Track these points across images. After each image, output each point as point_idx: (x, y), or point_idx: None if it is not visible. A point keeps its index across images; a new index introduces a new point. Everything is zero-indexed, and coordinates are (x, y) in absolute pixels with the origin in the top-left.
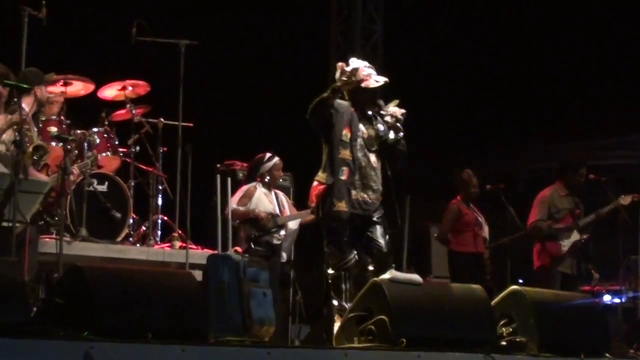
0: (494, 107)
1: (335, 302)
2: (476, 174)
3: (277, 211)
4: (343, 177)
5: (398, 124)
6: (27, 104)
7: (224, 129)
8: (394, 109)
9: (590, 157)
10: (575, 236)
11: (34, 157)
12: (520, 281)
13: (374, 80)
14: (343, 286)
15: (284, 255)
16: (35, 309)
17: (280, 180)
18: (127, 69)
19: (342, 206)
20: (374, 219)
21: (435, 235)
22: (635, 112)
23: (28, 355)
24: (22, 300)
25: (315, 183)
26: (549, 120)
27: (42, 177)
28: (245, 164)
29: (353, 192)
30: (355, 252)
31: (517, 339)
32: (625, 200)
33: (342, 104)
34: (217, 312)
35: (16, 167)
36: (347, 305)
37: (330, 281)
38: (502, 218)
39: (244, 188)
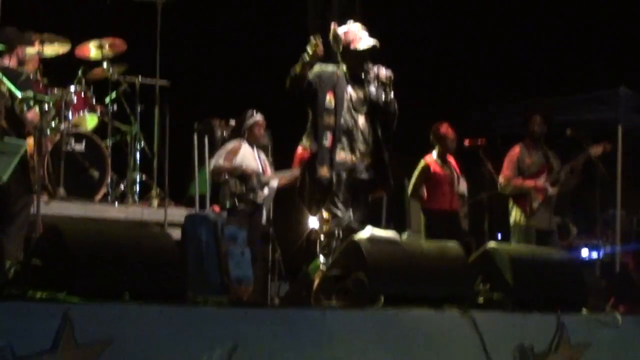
0: (475, 62)
1: (322, 259)
2: (454, 129)
3: (261, 170)
4: (326, 144)
5: (385, 87)
6: (10, 64)
7: (203, 87)
8: (381, 71)
9: (567, 112)
10: (547, 190)
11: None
12: (499, 237)
13: (364, 42)
14: (334, 243)
15: (264, 213)
16: (12, 270)
17: (261, 139)
18: (104, 27)
19: (324, 171)
20: (360, 183)
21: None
22: (614, 67)
23: (5, 318)
24: None
25: (299, 149)
26: (529, 75)
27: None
28: (223, 122)
29: (341, 154)
30: (351, 210)
31: (494, 296)
32: (596, 150)
33: (326, 69)
34: (195, 272)
35: None
36: None
37: (323, 238)
38: (481, 174)
39: (230, 144)
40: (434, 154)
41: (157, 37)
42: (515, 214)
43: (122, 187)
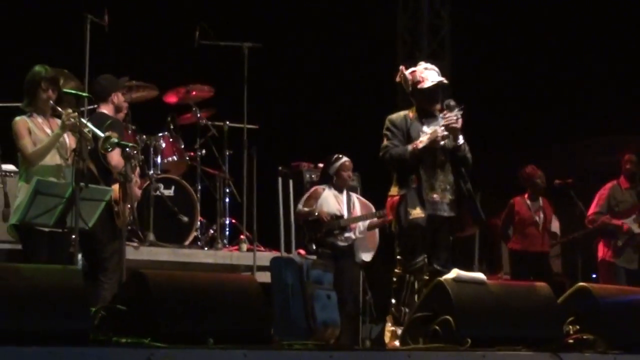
0: (564, 101)
1: (393, 302)
2: (542, 169)
3: (345, 212)
4: (413, 186)
5: (452, 131)
6: (107, 111)
7: (291, 130)
8: (452, 116)
9: None
10: (635, 229)
11: (107, 148)
12: (594, 276)
13: (430, 80)
14: (405, 288)
15: (362, 255)
16: (98, 316)
17: (349, 181)
18: (191, 72)
19: (418, 213)
20: (444, 219)
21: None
22: None
23: None
24: (84, 308)
25: (389, 199)
26: (620, 112)
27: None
28: (312, 165)
29: (423, 194)
30: (425, 255)
31: (585, 337)
32: None
33: (397, 119)
34: (282, 316)
35: (77, 176)
36: (404, 309)
37: (394, 280)
38: (572, 213)
39: (312, 189)
40: (525, 195)
41: (244, 81)
42: (601, 251)
43: (211, 231)
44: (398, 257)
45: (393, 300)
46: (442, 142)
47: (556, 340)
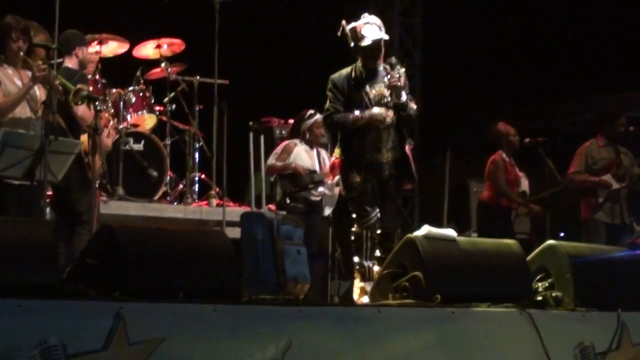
0: (533, 61)
1: (356, 260)
2: (511, 126)
3: (317, 168)
4: (354, 149)
5: (396, 90)
6: (71, 65)
7: (261, 86)
8: (395, 74)
9: (631, 108)
10: (613, 184)
11: (77, 101)
12: (562, 234)
13: (370, 38)
14: (365, 244)
15: (327, 210)
16: (68, 269)
17: (321, 138)
18: (162, 27)
19: (355, 177)
20: (387, 179)
21: (475, 190)
22: None
23: (58, 316)
24: (53, 262)
25: (332, 159)
26: (590, 73)
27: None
28: (282, 121)
29: (367, 156)
30: (378, 210)
31: (553, 294)
32: None
33: (339, 77)
34: (251, 271)
35: (46, 128)
36: (367, 264)
37: (353, 238)
38: (542, 172)
39: (284, 144)
40: (501, 152)
41: (215, 36)
42: (582, 210)
43: (180, 186)
44: (353, 215)
45: (356, 259)
46: (386, 120)
47: (525, 297)
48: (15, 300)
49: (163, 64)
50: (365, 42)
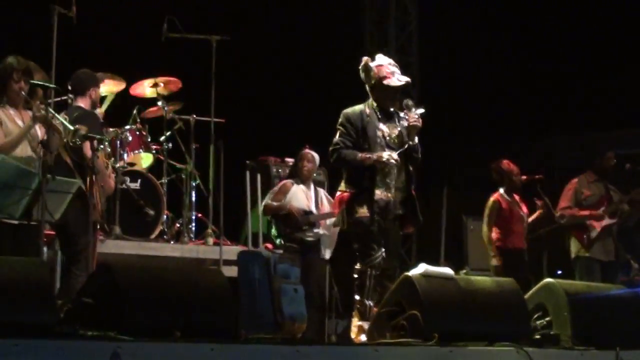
0: (530, 99)
1: (357, 298)
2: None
3: (314, 208)
4: (364, 184)
5: (412, 133)
6: (84, 106)
7: (258, 124)
8: (413, 116)
9: (625, 146)
10: (605, 221)
11: (76, 141)
12: (559, 272)
13: (396, 78)
14: (367, 282)
15: (327, 252)
16: (65, 309)
17: (315, 174)
18: (158, 65)
19: (363, 212)
20: (393, 218)
21: (472, 228)
22: None
23: (55, 356)
24: (50, 301)
25: (338, 193)
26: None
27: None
28: (279, 159)
29: (377, 192)
30: (383, 249)
31: (551, 332)
32: None
33: (353, 113)
34: (248, 310)
35: (43, 168)
36: (368, 302)
37: (355, 276)
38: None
39: (281, 183)
40: (501, 190)
41: (212, 74)
42: (574, 247)
43: (177, 225)
44: (357, 253)
45: (357, 297)
46: (391, 162)
47: (523, 335)
48: (12, 340)
49: (160, 103)
50: (393, 82)
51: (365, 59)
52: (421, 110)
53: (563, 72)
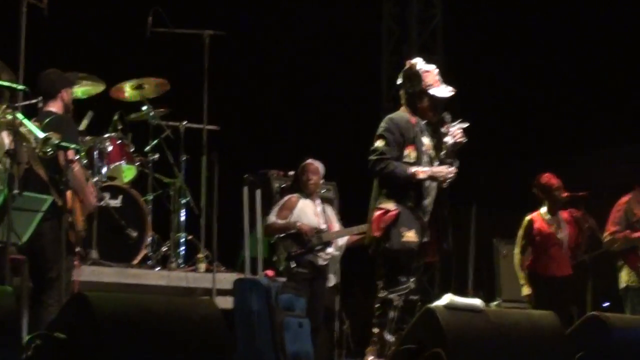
0: (570, 106)
1: (375, 331)
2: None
3: (323, 226)
4: (410, 204)
5: (459, 146)
6: (56, 110)
7: (257, 132)
8: (457, 132)
9: None
10: None
11: (47, 151)
12: (606, 304)
13: (445, 89)
14: (391, 314)
15: (332, 277)
16: (33, 345)
17: (324, 190)
18: (143, 65)
19: (412, 236)
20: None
21: (504, 252)
22: None
23: None
24: (16, 336)
25: (377, 211)
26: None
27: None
28: (281, 173)
29: (419, 215)
30: (414, 279)
31: None
32: None
33: (400, 120)
34: (246, 347)
35: (10, 182)
36: (389, 338)
37: (377, 305)
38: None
39: (285, 198)
40: (542, 210)
41: (205, 75)
42: (624, 275)
43: (164, 248)
44: (383, 279)
45: (375, 330)
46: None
47: None
48: None
49: (144, 108)
50: (440, 93)
51: (412, 62)
52: (465, 125)
53: (606, 76)
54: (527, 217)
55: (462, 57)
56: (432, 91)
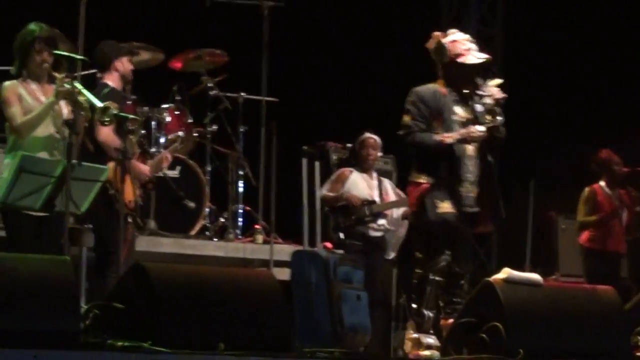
0: (632, 79)
1: (413, 306)
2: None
3: (377, 198)
4: (443, 174)
5: (496, 108)
6: (111, 82)
7: (316, 104)
8: (494, 89)
9: None
10: None
11: (105, 120)
12: None
13: (474, 56)
14: (428, 289)
15: (390, 251)
16: (92, 315)
17: (381, 163)
18: (201, 36)
19: (447, 207)
20: (468, 215)
21: (563, 227)
22: None
23: None
24: (74, 306)
25: (410, 185)
26: None
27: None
28: (339, 145)
29: (452, 186)
30: (449, 253)
31: None
32: None
33: (426, 93)
34: (304, 319)
35: (69, 152)
36: (427, 313)
37: (415, 280)
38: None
39: (338, 172)
40: (601, 183)
41: (264, 46)
42: None
43: (221, 220)
44: (418, 255)
45: (414, 305)
46: (479, 135)
47: (622, 353)
48: (31, 350)
49: (203, 79)
50: (469, 60)
51: (436, 34)
52: (498, 81)
53: None
54: (587, 188)
55: (521, 31)
56: (460, 60)
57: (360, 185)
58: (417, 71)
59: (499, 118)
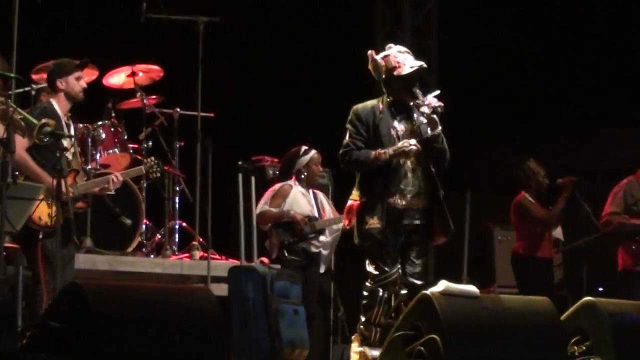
0: (564, 89)
1: (362, 318)
2: (543, 165)
3: (316, 213)
4: (376, 190)
5: (434, 117)
6: (57, 104)
7: (250, 120)
8: (432, 99)
9: None
10: None
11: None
12: (600, 289)
13: (407, 66)
14: (375, 304)
15: (323, 265)
16: (28, 334)
17: (318, 177)
18: (136, 51)
19: (374, 223)
20: (412, 230)
21: (499, 238)
22: None
23: None
24: (10, 325)
25: (349, 202)
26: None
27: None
28: (276, 160)
29: (390, 201)
30: (398, 266)
31: (592, 358)
32: None
33: (363, 111)
34: (241, 334)
35: (3, 170)
36: (373, 328)
37: (365, 293)
38: (576, 217)
39: (277, 186)
40: (526, 194)
41: (199, 62)
42: (620, 259)
43: (158, 236)
44: (367, 269)
45: (362, 318)
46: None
47: None
48: None
49: (138, 95)
50: (405, 71)
51: (370, 52)
52: (436, 92)
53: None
54: (518, 198)
55: (455, 42)
56: (396, 73)
57: (301, 201)
58: (351, 85)
59: (438, 128)
